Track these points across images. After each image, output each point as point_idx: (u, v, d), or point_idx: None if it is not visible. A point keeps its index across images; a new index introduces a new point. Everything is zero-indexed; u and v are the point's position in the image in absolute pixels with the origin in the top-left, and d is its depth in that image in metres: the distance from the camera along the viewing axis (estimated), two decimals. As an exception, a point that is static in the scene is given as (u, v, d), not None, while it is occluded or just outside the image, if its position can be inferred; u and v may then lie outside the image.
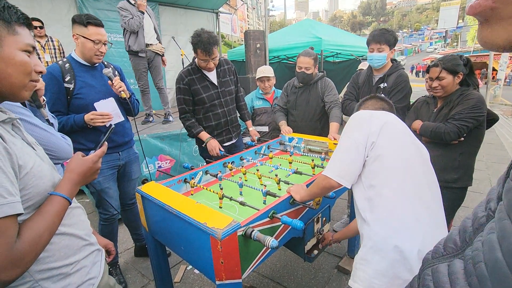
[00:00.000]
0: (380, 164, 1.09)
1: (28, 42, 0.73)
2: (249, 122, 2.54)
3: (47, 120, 1.24)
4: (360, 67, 3.52)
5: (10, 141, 0.69)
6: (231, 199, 1.41)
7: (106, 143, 0.96)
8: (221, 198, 1.41)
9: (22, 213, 0.66)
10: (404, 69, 2.15)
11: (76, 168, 0.85)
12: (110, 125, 1.05)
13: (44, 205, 0.74)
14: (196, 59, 2.12)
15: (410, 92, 2.10)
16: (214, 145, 2.12)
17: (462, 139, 1.76)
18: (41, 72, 0.79)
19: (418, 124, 1.89)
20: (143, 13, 3.40)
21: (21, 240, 0.65)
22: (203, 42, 1.93)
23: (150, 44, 3.58)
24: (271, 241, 1.01)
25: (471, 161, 1.85)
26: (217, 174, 1.67)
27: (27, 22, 0.75)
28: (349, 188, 1.14)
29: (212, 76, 2.19)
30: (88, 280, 0.86)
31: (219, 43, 2.07)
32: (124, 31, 3.43)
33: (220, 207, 1.43)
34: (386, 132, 1.11)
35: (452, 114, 1.76)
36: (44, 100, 1.31)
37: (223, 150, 2.13)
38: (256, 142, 2.39)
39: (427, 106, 1.98)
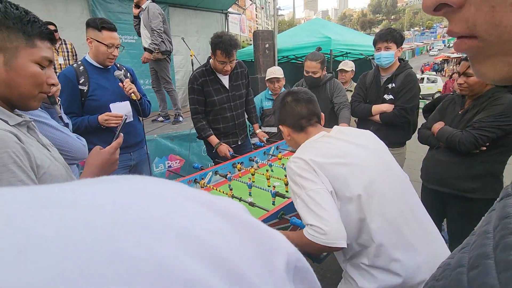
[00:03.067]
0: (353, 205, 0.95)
1: (44, 56, 0.76)
2: (256, 125, 2.56)
3: (60, 117, 1.29)
4: (340, 66, 3.38)
5: (27, 142, 0.72)
6: (240, 199, 1.43)
7: (121, 134, 1.00)
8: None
9: None
10: (412, 68, 2.12)
11: (94, 161, 0.89)
12: (125, 117, 1.09)
13: None
14: (211, 60, 2.14)
15: (419, 92, 2.07)
16: (224, 150, 2.13)
17: (484, 148, 1.56)
18: (53, 85, 0.83)
19: (437, 127, 1.75)
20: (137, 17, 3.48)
21: None
22: (225, 43, 1.93)
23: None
24: None
25: (495, 171, 1.63)
26: (227, 174, 1.69)
27: (50, 37, 0.77)
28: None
29: (225, 79, 2.19)
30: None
31: (237, 45, 2.07)
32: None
33: None
34: (327, 169, 0.95)
35: (473, 121, 1.56)
36: (59, 101, 1.36)
37: (232, 151, 2.15)
38: (265, 143, 2.40)
39: (453, 106, 1.78)
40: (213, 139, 2.18)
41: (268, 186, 1.63)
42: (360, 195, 0.93)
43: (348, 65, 3.28)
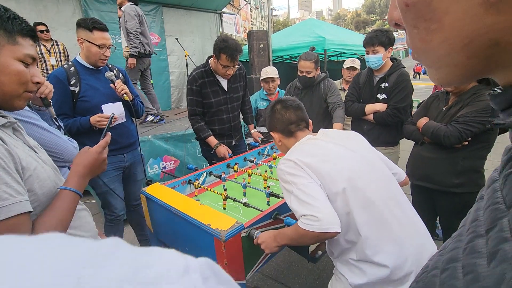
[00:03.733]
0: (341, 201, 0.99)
1: (27, 53, 0.74)
2: (252, 126, 2.55)
3: (55, 119, 1.27)
4: (349, 64, 3.32)
5: (11, 143, 0.70)
6: (234, 200, 1.42)
7: (109, 133, 0.99)
8: (224, 199, 1.42)
9: (32, 211, 0.68)
10: (405, 67, 2.14)
11: (82, 161, 0.86)
12: (112, 115, 1.07)
13: (55, 200, 0.76)
14: (210, 61, 2.12)
15: (411, 91, 2.08)
16: (223, 151, 2.11)
17: (466, 143, 1.64)
18: (38, 83, 0.81)
19: (422, 122, 1.81)
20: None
21: (35, 234, 0.68)
22: (231, 48, 1.93)
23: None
24: None
25: (477, 167, 1.72)
26: (221, 175, 1.68)
27: (31, 34, 0.75)
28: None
29: (223, 81, 2.18)
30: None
31: (242, 52, 2.06)
32: None
33: (224, 208, 1.44)
34: (318, 166, 1.00)
35: (457, 116, 1.64)
36: (51, 102, 1.34)
37: (231, 152, 2.13)
38: (260, 142, 2.40)
39: (437, 103, 1.85)
40: (212, 140, 2.17)
41: (264, 187, 1.62)
42: (345, 188, 0.97)
43: (356, 62, 3.26)
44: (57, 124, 1.28)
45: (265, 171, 1.75)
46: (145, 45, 3.49)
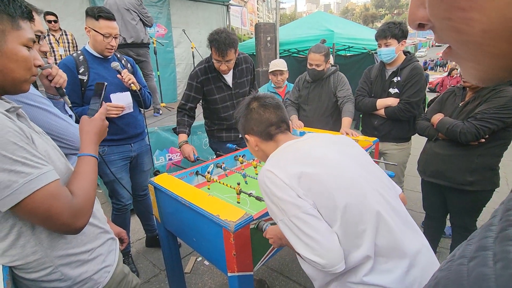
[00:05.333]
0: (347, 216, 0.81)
1: (30, 37, 0.74)
2: None
3: (70, 108, 1.27)
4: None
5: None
6: (241, 191, 1.41)
7: (104, 102, 1.03)
8: (238, 194, 1.40)
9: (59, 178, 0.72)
10: (418, 61, 2.09)
11: (92, 129, 0.91)
12: (103, 83, 1.08)
13: (78, 166, 0.81)
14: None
15: (425, 86, 2.04)
16: (188, 151, 1.96)
17: (483, 140, 1.58)
18: (39, 66, 0.81)
19: (437, 118, 1.75)
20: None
21: (75, 195, 0.73)
22: (219, 41, 1.80)
23: None
24: None
25: (492, 165, 1.66)
26: (229, 168, 1.67)
27: (30, 15, 0.75)
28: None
29: (228, 76, 2.10)
30: (104, 268, 0.88)
31: (236, 45, 1.89)
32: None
33: (238, 202, 1.43)
34: (310, 179, 0.81)
35: (475, 113, 1.57)
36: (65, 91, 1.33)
37: (197, 154, 1.98)
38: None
39: (453, 98, 1.78)
40: (181, 137, 2.05)
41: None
42: (348, 204, 0.80)
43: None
44: (69, 113, 1.27)
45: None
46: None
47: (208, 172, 1.61)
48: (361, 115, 2.53)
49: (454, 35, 0.27)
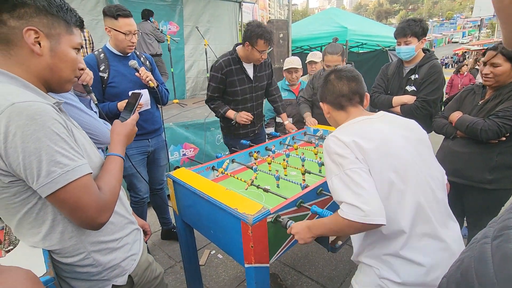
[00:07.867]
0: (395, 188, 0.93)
1: (79, 42, 0.82)
2: (284, 115, 2.49)
3: (96, 105, 1.33)
4: (310, 58, 3.01)
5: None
6: (258, 187, 1.44)
7: (139, 107, 1.08)
8: (249, 184, 1.44)
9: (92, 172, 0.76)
10: (437, 59, 2.05)
11: (122, 131, 0.97)
12: (139, 93, 1.12)
13: (107, 164, 0.86)
14: (238, 49, 2.11)
15: (443, 84, 2.00)
16: (244, 115, 2.13)
17: (504, 138, 1.56)
18: (82, 69, 0.88)
19: (455, 116, 1.72)
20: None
21: (102, 191, 0.77)
22: (268, 32, 1.96)
23: None
24: None
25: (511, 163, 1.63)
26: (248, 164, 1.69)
27: (82, 24, 0.84)
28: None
29: (250, 69, 2.17)
30: (131, 256, 0.93)
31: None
32: None
33: (246, 189, 1.46)
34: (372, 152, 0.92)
35: (497, 110, 1.55)
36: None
37: (252, 117, 2.15)
38: (280, 133, 2.39)
39: (472, 96, 1.75)
40: (231, 112, 2.18)
41: (286, 175, 1.63)
42: (394, 183, 0.91)
43: (317, 56, 2.97)
44: (93, 110, 1.33)
45: (284, 160, 1.74)
46: None
47: (223, 167, 1.65)
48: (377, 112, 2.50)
49: (495, 4, 0.42)
